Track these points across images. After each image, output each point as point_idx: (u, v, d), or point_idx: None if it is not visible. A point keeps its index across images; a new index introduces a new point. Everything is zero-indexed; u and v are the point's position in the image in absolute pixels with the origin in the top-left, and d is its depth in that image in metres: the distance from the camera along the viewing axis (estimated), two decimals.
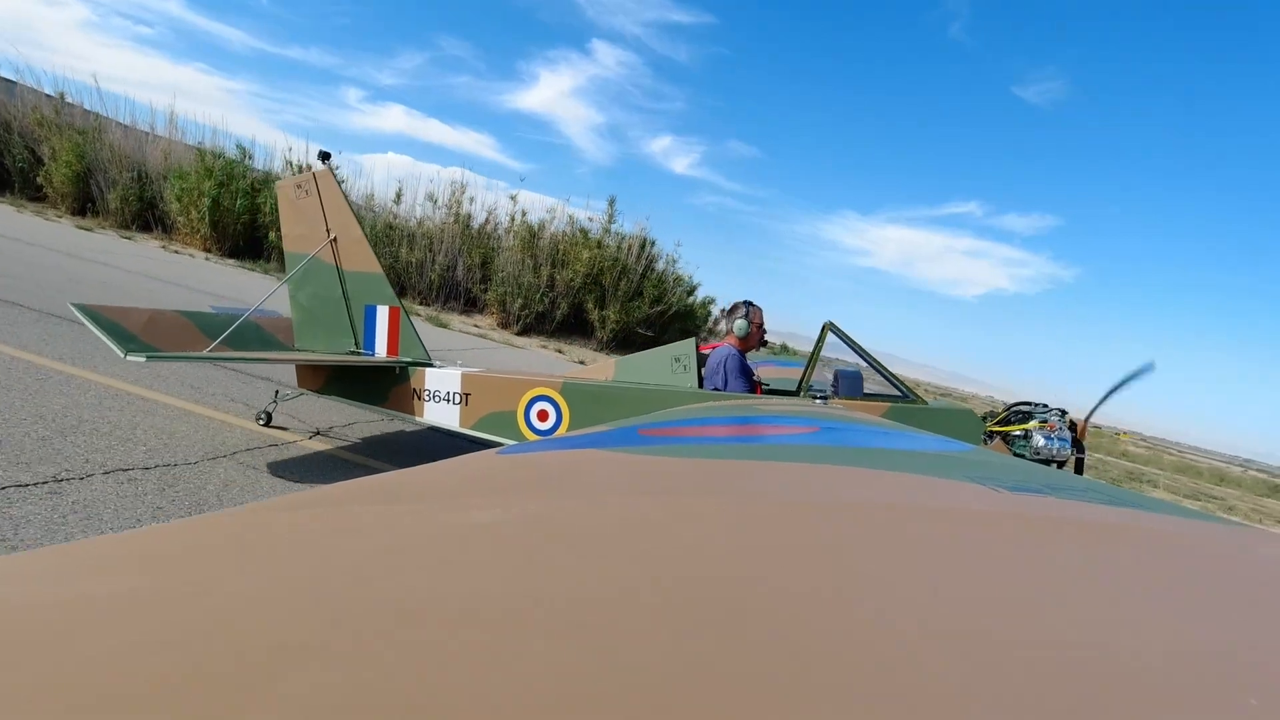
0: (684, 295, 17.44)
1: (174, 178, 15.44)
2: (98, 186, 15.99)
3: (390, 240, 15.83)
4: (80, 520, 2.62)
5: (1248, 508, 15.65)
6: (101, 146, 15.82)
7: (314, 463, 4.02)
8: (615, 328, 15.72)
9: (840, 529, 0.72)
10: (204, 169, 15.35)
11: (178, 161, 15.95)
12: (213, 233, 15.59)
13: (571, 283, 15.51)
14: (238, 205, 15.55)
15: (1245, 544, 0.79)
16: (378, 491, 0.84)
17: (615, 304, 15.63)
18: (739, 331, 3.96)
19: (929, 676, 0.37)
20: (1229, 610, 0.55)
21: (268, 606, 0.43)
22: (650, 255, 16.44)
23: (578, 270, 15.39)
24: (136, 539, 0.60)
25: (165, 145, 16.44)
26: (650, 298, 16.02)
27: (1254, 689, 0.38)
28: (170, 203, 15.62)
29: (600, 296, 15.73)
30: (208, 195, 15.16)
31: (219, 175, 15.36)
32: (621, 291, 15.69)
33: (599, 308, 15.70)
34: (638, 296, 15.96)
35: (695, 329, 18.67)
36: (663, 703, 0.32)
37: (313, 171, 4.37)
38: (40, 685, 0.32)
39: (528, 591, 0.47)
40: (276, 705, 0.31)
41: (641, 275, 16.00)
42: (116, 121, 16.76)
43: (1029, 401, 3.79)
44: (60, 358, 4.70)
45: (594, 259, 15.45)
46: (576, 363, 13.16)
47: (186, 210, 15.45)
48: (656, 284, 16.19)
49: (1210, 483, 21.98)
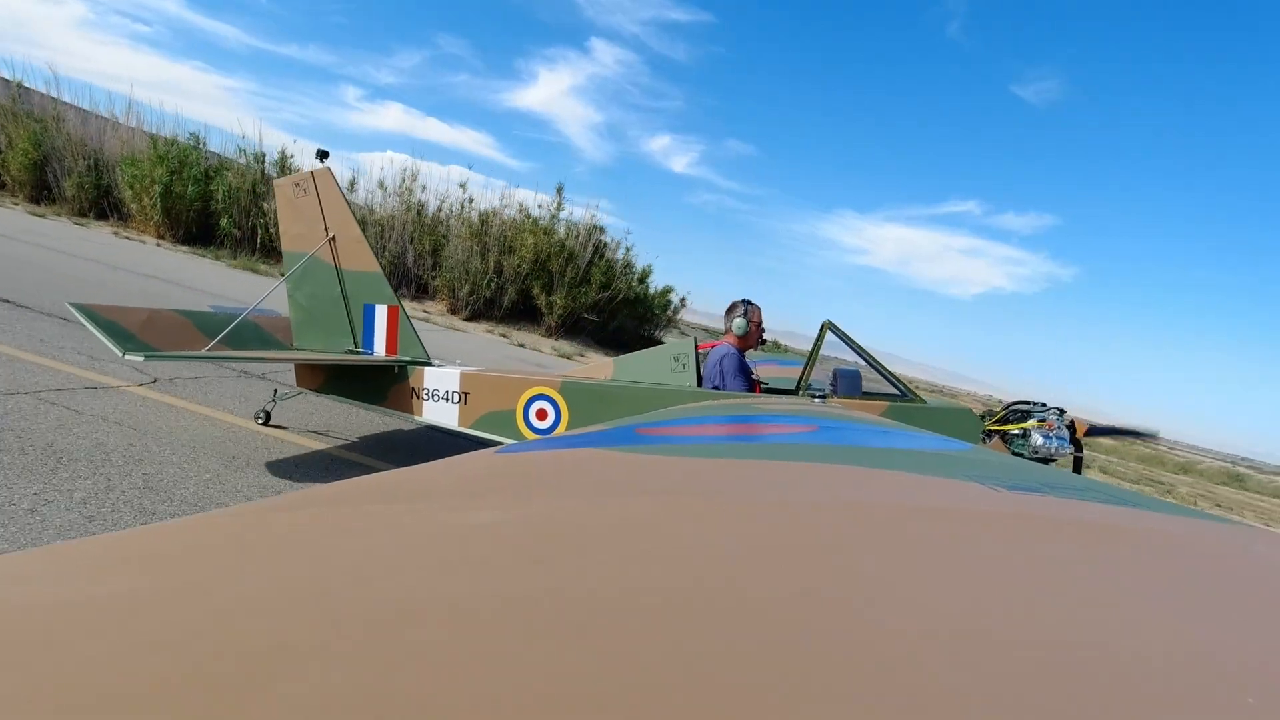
0: (634, 282, 17.54)
1: (125, 164, 15.53)
2: (53, 174, 16.07)
3: None
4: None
5: (1188, 492, 15.65)
6: (58, 134, 15.88)
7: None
8: (562, 313, 15.86)
9: (839, 528, 0.72)
10: (156, 156, 15.45)
11: (134, 149, 16.06)
12: (165, 219, 15.70)
13: (519, 269, 15.67)
14: (189, 192, 15.64)
15: (1245, 544, 0.79)
16: (376, 491, 0.83)
17: (562, 290, 15.75)
18: (737, 330, 3.96)
19: (928, 676, 0.37)
20: (1228, 609, 0.55)
21: (267, 606, 0.43)
22: (599, 242, 16.58)
23: (524, 256, 15.55)
24: (135, 539, 0.60)
25: (124, 133, 16.53)
26: (598, 284, 16.15)
27: (1252, 688, 0.39)
28: (124, 190, 15.73)
29: (547, 283, 15.85)
30: (159, 182, 15.26)
31: (171, 162, 15.47)
32: (568, 278, 15.79)
33: (546, 294, 15.84)
34: (585, 283, 16.04)
35: (652, 316, 18.89)
36: (662, 702, 0.32)
37: (311, 170, 4.37)
38: (40, 685, 0.32)
39: (526, 591, 0.47)
40: (276, 705, 0.31)
41: (590, 262, 16.12)
42: (77, 108, 16.83)
43: (1027, 400, 3.79)
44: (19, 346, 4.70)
45: (539, 245, 15.61)
46: (516, 346, 13.40)
47: (139, 197, 15.55)
48: (605, 270, 16.31)
49: (1172, 472, 22.09)
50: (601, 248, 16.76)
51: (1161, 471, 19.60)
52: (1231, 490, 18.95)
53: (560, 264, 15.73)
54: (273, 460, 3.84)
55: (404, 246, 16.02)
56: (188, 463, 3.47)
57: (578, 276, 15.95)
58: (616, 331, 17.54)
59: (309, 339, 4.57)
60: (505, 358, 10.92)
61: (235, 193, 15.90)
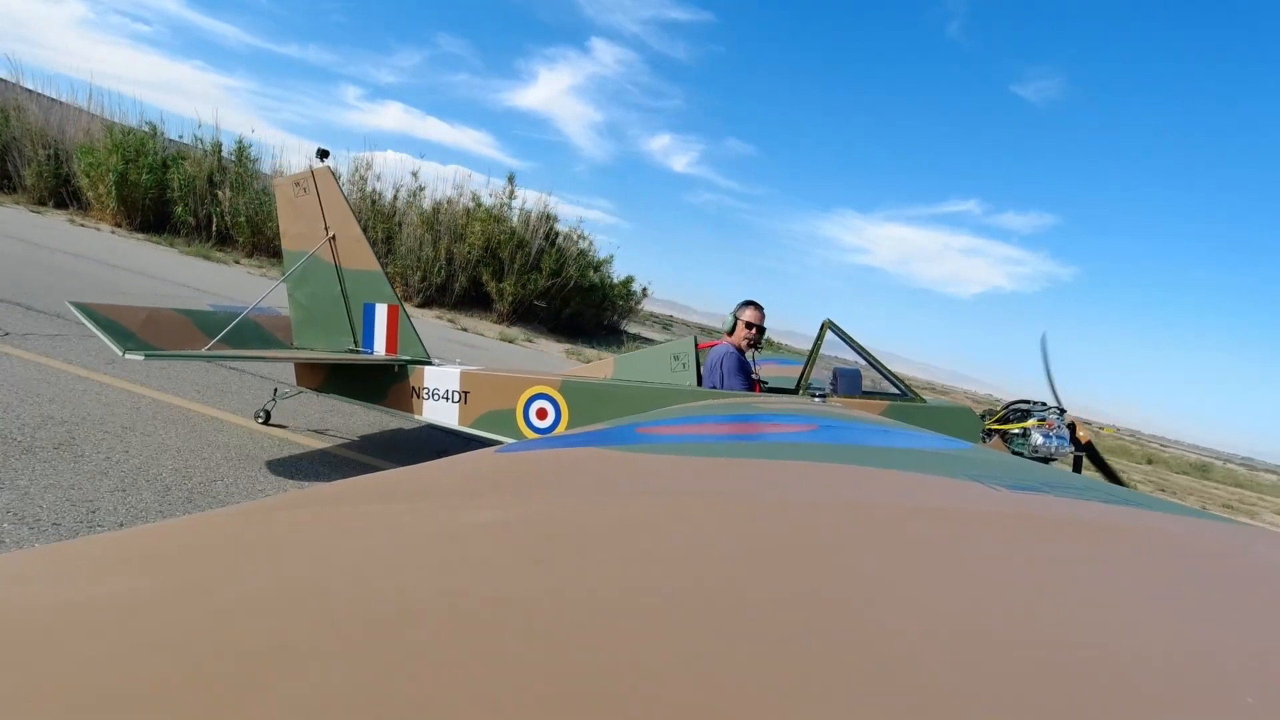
0: (588, 270, 17.83)
1: (80, 153, 15.66)
2: (13, 164, 16.23)
3: None
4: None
5: (1140, 477, 15.71)
6: (18, 124, 16.02)
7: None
8: (513, 300, 16.12)
9: (839, 528, 0.72)
10: (112, 144, 15.57)
11: (93, 138, 16.23)
12: (121, 207, 15.83)
13: (469, 256, 15.91)
14: (144, 180, 15.78)
15: (1245, 543, 0.79)
16: (376, 490, 0.83)
17: (512, 277, 16.03)
18: (725, 327, 3.99)
19: (929, 676, 0.37)
20: (1228, 609, 0.55)
21: (266, 606, 0.43)
22: (552, 231, 16.81)
23: (474, 244, 15.79)
24: (134, 538, 0.60)
25: (85, 121, 16.69)
26: (548, 271, 16.38)
27: (1252, 687, 0.39)
28: (81, 178, 15.88)
29: (498, 270, 16.11)
30: (113, 171, 15.38)
31: (128, 151, 15.59)
32: (518, 264, 16.05)
33: (496, 280, 16.10)
34: (535, 270, 16.29)
35: (611, 304, 19.25)
36: (662, 702, 0.32)
37: (311, 169, 4.36)
38: (39, 685, 0.32)
39: (526, 591, 0.47)
40: (276, 705, 0.31)
41: (541, 250, 16.36)
42: (43, 96, 17.00)
43: (1027, 400, 3.79)
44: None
45: (489, 233, 15.87)
46: (460, 330, 13.59)
47: (94, 185, 15.67)
48: (556, 258, 16.53)
49: (1137, 461, 22.27)
50: (554, 236, 17.06)
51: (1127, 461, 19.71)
52: (1189, 479, 19.07)
53: (510, 251, 16.03)
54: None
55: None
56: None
57: (528, 263, 16.22)
58: (571, 319, 17.79)
59: (309, 338, 4.57)
60: (445, 340, 11.03)
61: (191, 181, 16.13)
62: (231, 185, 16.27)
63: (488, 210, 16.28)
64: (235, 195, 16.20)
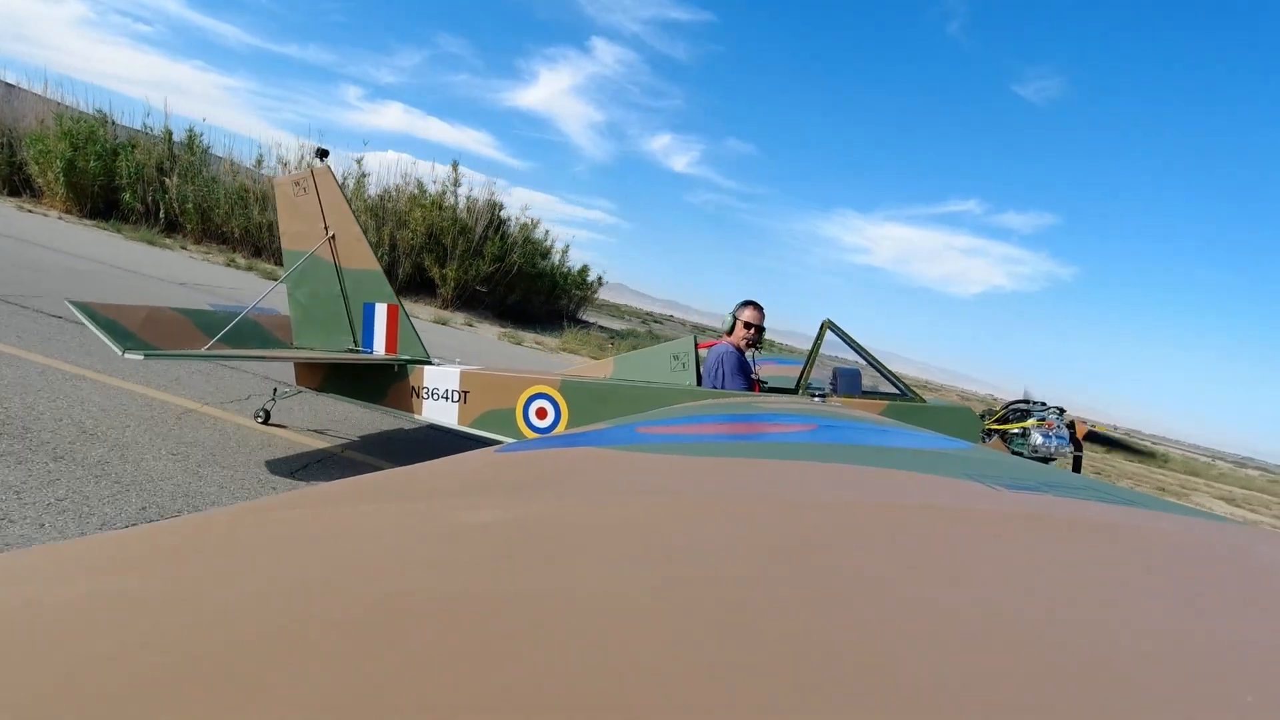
0: (534, 257, 18.27)
1: (29, 140, 15.90)
2: None
3: (244, 202, 16.64)
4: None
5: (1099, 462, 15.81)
6: None
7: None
8: (456, 285, 16.47)
9: (839, 527, 0.72)
10: (61, 131, 15.78)
11: (47, 126, 16.52)
12: (71, 194, 16.06)
13: (411, 242, 16.26)
14: (92, 167, 15.99)
15: (1246, 543, 0.79)
16: (375, 490, 0.83)
17: (454, 263, 16.38)
18: (724, 327, 4.00)
19: (929, 676, 0.37)
20: (1228, 608, 0.55)
21: (266, 605, 0.43)
22: (498, 218, 17.18)
23: (416, 230, 16.15)
24: (133, 538, 0.60)
25: (40, 108, 16.94)
26: (491, 256, 16.71)
27: (1251, 687, 0.39)
28: (31, 166, 16.14)
29: (440, 256, 16.43)
30: (62, 158, 15.59)
31: (76, 138, 15.77)
32: (459, 250, 16.41)
33: (439, 266, 16.40)
34: (478, 256, 16.63)
35: (565, 292, 19.79)
36: (662, 702, 0.32)
37: (311, 169, 4.36)
38: (39, 684, 0.32)
39: (526, 590, 0.47)
40: (276, 705, 0.31)
41: (484, 236, 16.71)
42: (5, 84, 17.36)
43: (1027, 400, 3.79)
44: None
45: (430, 219, 16.20)
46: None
47: (44, 172, 15.91)
48: (499, 244, 16.88)
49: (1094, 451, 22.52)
50: (500, 224, 17.39)
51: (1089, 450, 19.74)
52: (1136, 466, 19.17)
53: (452, 238, 16.39)
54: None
55: None
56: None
57: (470, 250, 16.57)
58: (517, 305, 18.14)
59: (309, 337, 4.56)
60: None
61: (140, 168, 16.40)
62: (180, 173, 16.53)
63: (430, 198, 16.68)
64: (183, 183, 16.47)
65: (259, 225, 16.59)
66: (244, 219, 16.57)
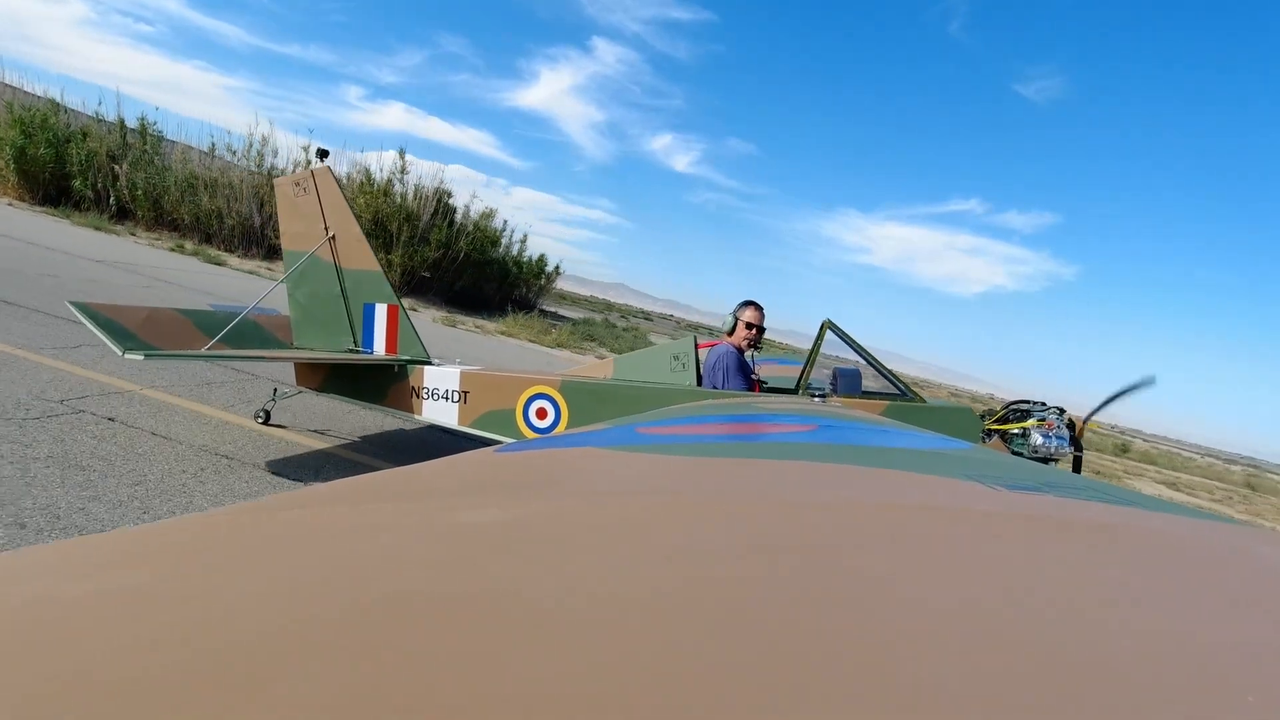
0: (484, 244, 18.98)
1: None
2: None
3: (194, 189, 17.12)
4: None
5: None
6: None
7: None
8: (402, 271, 16.98)
9: (839, 528, 0.72)
10: (12, 119, 16.12)
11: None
12: (22, 181, 16.43)
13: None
14: (43, 154, 16.31)
15: (1245, 543, 0.79)
16: (375, 490, 0.83)
17: (399, 249, 16.90)
18: (725, 327, 4.00)
19: (929, 676, 0.37)
20: (1228, 608, 0.55)
21: (266, 605, 0.43)
22: (446, 206, 17.81)
23: (361, 217, 16.90)
24: (134, 537, 0.60)
25: (9, 97, 17.42)
26: (436, 243, 17.28)
27: (1252, 687, 0.39)
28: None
29: (385, 242, 16.95)
30: (11, 145, 15.94)
31: (28, 125, 16.08)
32: (404, 237, 16.94)
33: (385, 252, 16.90)
34: (424, 243, 17.18)
35: (520, 280, 20.60)
36: (662, 702, 0.32)
37: (311, 169, 4.36)
38: (40, 683, 0.32)
39: (526, 590, 0.47)
40: (275, 704, 0.31)
41: (430, 224, 17.25)
42: None
43: (1027, 400, 3.79)
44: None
45: (375, 206, 16.74)
46: None
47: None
48: (445, 231, 17.47)
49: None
50: (449, 211, 17.99)
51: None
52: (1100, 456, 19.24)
53: (398, 224, 16.90)
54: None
55: (252, 209, 17.38)
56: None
57: (415, 236, 17.10)
58: (467, 291, 18.71)
59: (309, 338, 4.56)
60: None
61: (91, 156, 16.71)
62: (131, 161, 16.84)
63: (375, 185, 17.22)
64: (134, 170, 16.78)
65: (208, 212, 17.15)
66: (194, 206, 17.12)
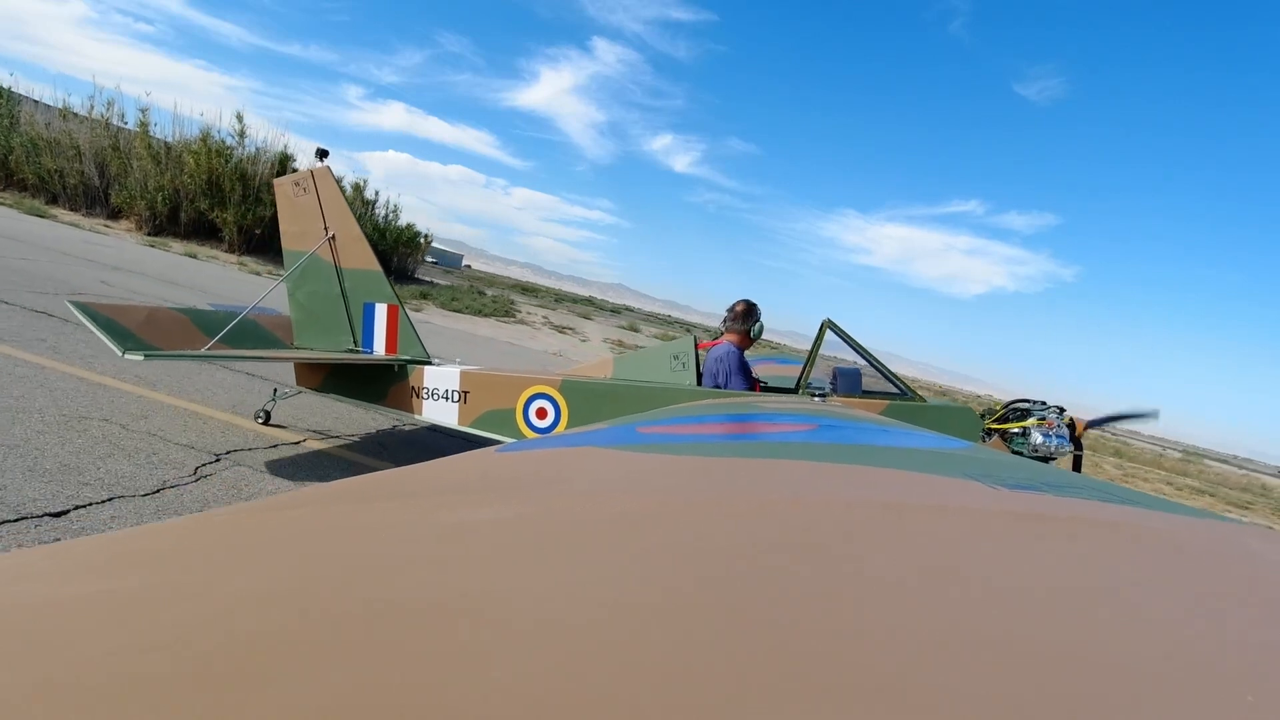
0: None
1: None
2: None
3: (36, 150, 17.93)
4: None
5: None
6: None
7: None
8: (237, 229, 18.05)
9: (839, 527, 0.72)
10: None
11: None
12: None
13: (189, 187, 17.94)
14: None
15: (1245, 542, 0.79)
16: (375, 490, 0.83)
17: (232, 207, 17.96)
18: (733, 328, 3.99)
19: (929, 675, 0.37)
20: (1227, 608, 0.55)
21: (266, 605, 0.43)
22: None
23: (195, 175, 17.75)
24: (133, 538, 0.60)
25: None
26: (270, 201, 18.63)
27: (1252, 686, 0.39)
28: None
29: (218, 200, 18.00)
30: None
31: None
32: (236, 196, 18.02)
33: (219, 210, 17.98)
34: (258, 202, 18.18)
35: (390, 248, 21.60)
36: (662, 701, 0.32)
37: (311, 169, 4.36)
38: (37, 685, 0.32)
39: (526, 590, 0.47)
40: (275, 704, 0.31)
41: (265, 183, 18.11)
42: None
43: (1027, 399, 3.79)
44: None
45: (211, 165, 17.75)
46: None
47: None
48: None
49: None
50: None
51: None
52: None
53: (231, 183, 17.93)
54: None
55: (93, 170, 18.15)
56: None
57: (250, 195, 18.14)
58: None
59: (309, 338, 4.56)
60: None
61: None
62: None
63: (212, 145, 18.15)
64: None
65: (49, 171, 17.95)
66: (35, 166, 17.84)
